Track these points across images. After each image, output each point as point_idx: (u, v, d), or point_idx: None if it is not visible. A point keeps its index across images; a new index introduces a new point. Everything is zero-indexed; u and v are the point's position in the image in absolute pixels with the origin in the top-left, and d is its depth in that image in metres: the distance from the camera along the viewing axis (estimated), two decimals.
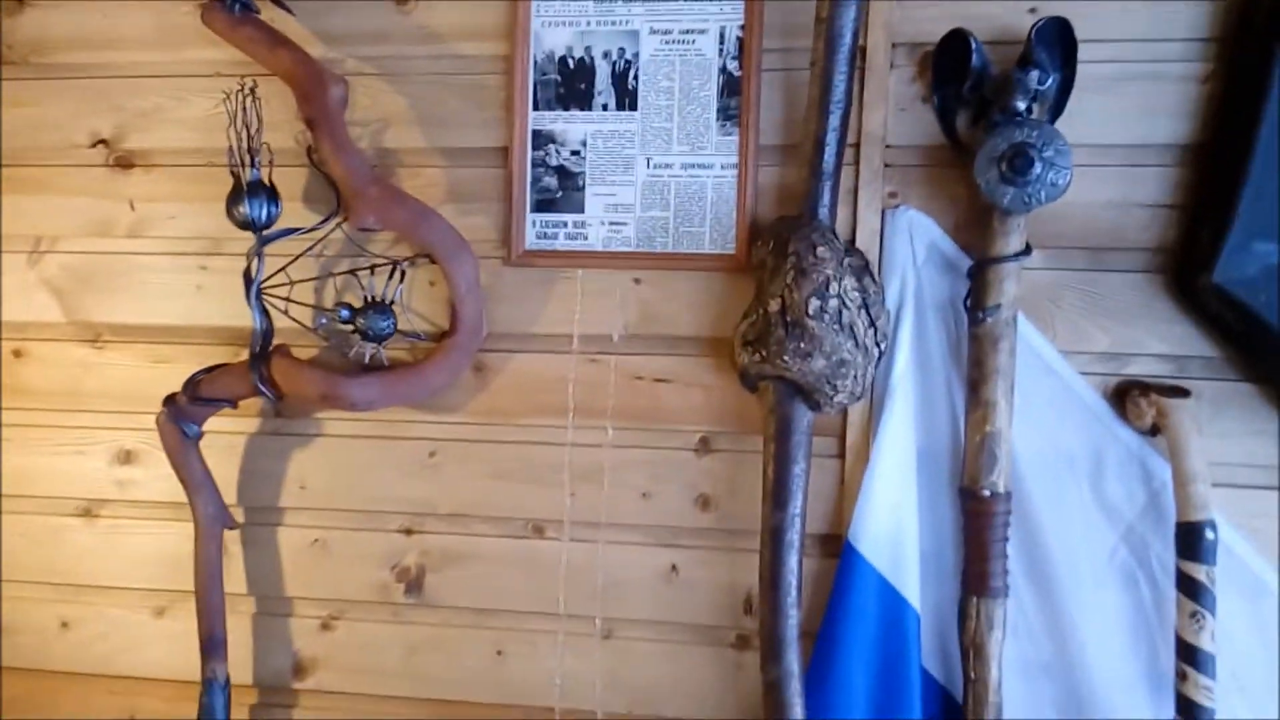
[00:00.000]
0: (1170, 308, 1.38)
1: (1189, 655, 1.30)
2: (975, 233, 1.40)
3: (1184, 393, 1.34)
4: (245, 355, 1.53)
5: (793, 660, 1.37)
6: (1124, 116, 1.39)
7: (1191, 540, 1.30)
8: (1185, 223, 1.36)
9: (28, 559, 1.68)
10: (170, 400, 1.51)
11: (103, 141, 1.62)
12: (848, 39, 1.34)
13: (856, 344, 1.32)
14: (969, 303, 1.38)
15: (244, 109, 1.49)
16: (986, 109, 1.36)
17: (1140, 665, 1.38)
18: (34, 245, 1.64)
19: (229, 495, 1.59)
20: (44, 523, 1.67)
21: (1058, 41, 1.34)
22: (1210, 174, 1.34)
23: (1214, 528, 1.29)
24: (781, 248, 1.35)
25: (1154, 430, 1.35)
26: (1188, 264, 1.35)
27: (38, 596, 1.68)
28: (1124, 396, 1.38)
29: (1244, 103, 1.29)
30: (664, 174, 1.50)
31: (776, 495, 1.36)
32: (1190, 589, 1.30)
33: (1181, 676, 1.30)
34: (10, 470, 1.67)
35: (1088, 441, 1.40)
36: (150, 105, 1.61)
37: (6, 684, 1.69)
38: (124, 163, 1.62)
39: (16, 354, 1.66)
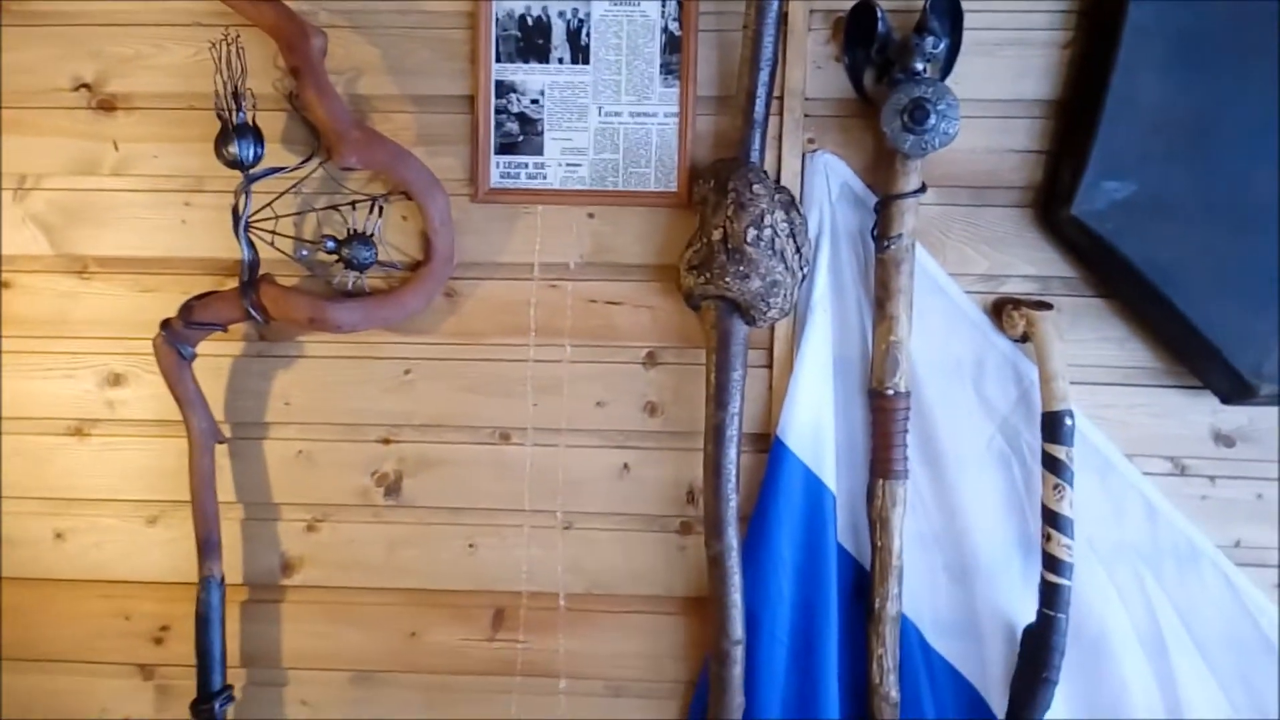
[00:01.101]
0: (1038, 236, 1.66)
1: (1052, 520, 1.58)
2: (880, 173, 1.64)
3: (1048, 306, 1.61)
4: (230, 284, 1.68)
5: (732, 537, 1.61)
6: (1001, 76, 1.64)
7: (1054, 426, 1.57)
8: (1050, 165, 1.64)
9: (23, 476, 1.79)
10: (166, 324, 1.64)
11: (85, 85, 1.72)
12: (775, 5, 1.56)
13: (786, 267, 1.56)
14: (875, 233, 1.63)
15: (229, 56, 1.62)
16: (889, 68, 1.60)
17: (1014, 532, 1.66)
18: (19, 183, 1.74)
19: (217, 412, 1.73)
20: (38, 442, 1.78)
21: (948, 11, 1.59)
22: (1070, 124, 1.61)
23: (1072, 416, 1.57)
24: (721, 186, 1.57)
25: (1024, 338, 1.63)
26: (1051, 200, 1.62)
27: (33, 510, 1.79)
28: (1000, 310, 1.65)
29: (1097, 65, 1.56)
30: (614, 121, 1.70)
31: (718, 397, 1.59)
32: (1053, 467, 1.58)
33: (1047, 538, 1.58)
34: (3, 394, 1.78)
35: (971, 348, 1.67)
36: (131, 52, 1.71)
37: (6, 593, 1.81)
38: (106, 105, 1.72)
39: (5, 285, 1.75)
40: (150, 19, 1.71)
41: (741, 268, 1.54)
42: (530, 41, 1.69)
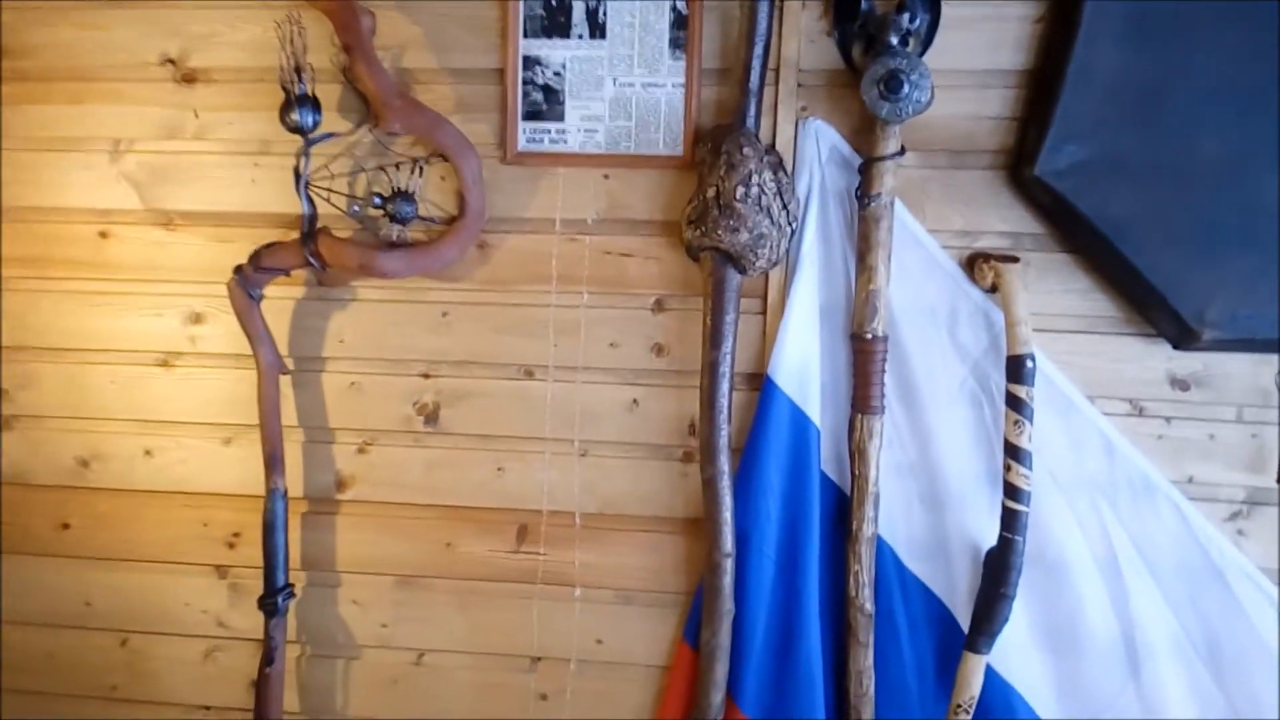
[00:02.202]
0: (1009, 196, 1.81)
1: (1013, 453, 1.74)
2: (865, 138, 1.82)
3: (1014, 259, 1.77)
4: (293, 236, 1.93)
5: (724, 463, 1.81)
6: (977, 48, 1.78)
7: (1017, 368, 1.73)
8: (1019, 131, 1.79)
9: (116, 401, 2.07)
10: (239, 269, 1.90)
11: (170, 60, 1.97)
12: None
13: (772, 222, 1.75)
14: (859, 192, 1.80)
15: (292, 35, 1.86)
16: (873, 42, 1.77)
17: (981, 464, 1.83)
18: (114, 146, 2.01)
19: (282, 348, 1.98)
20: (129, 372, 2.06)
21: None
22: (1037, 93, 1.76)
23: (1033, 359, 1.72)
24: (717, 149, 1.76)
25: (993, 288, 1.79)
26: (1019, 162, 1.78)
27: (124, 431, 2.07)
28: (973, 264, 1.82)
29: (1062, 37, 1.71)
30: (628, 91, 1.90)
31: (713, 338, 1.79)
32: (1015, 405, 1.74)
33: (1007, 469, 1.75)
34: (99, 330, 2.05)
35: (946, 297, 1.82)
36: (208, 30, 1.96)
37: (99, 502, 2.10)
38: (188, 78, 1.97)
39: (103, 235, 2.03)
40: (224, 2, 1.96)
41: (731, 222, 1.73)
42: (553, 19, 1.90)
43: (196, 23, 1.97)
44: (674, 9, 1.87)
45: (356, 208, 1.93)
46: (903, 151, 1.77)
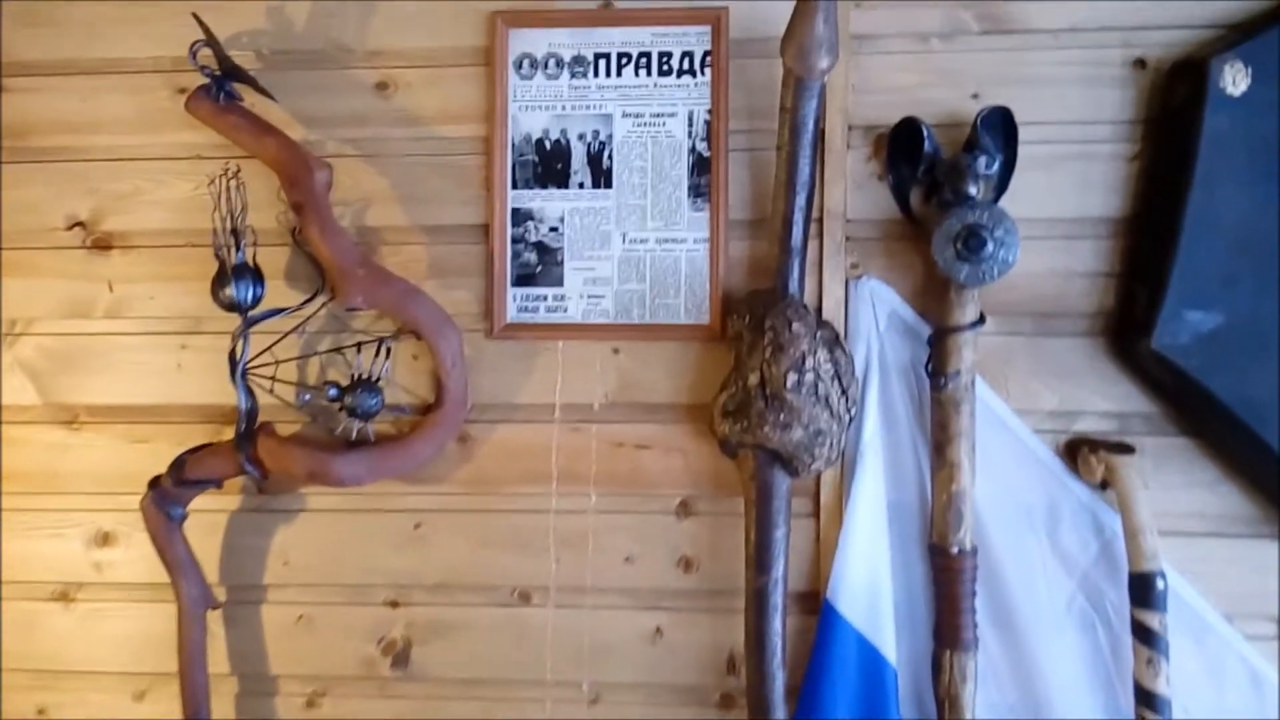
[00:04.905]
0: (1112, 369, 1.49)
1: (1147, 700, 1.38)
2: (931, 300, 1.50)
3: (1129, 449, 1.44)
4: (227, 433, 1.55)
5: (780, 717, 1.43)
6: (1062, 192, 1.50)
7: (1144, 590, 1.39)
8: (1122, 290, 1.48)
9: (11, 646, 1.65)
10: (155, 483, 1.52)
11: (80, 224, 1.63)
12: (810, 126, 1.42)
13: (831, 414, 1.40)
14: (930, 368, 1.47)
15: (228, 193, 1.53)
16: (938, 188, 1.47)
17: (1100, 707, 1.46)
18: (8, 328, 1.64)
19: (211, 574, 1.59)
20: (20, 608, 1.64)
21: (1000, 126, 1.46)
22: (1142, 245, 1.46)
23: (1164, 577, 1.38)
24: (758, 323, 1.43)
25: (1103, 484, 1.45)
26: (1127, 329, 1.46)
27: (15, 684, 1.65)
28: (1075, 452, 1.48)
29: (1170, 179, 1.42)
30: (639, 248, 1.57)
31: (759, 560, 1.42)
32: (1145, 636, 1.39)
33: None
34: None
35: (1043, 494, 1.49)
36: (129, 188, 1.62)
37: None
38: (101, 244, 1.63)
39: None
40: (151, 153, 1.63)
41: (782, 416, 1.38)
42: (549, 166, 1.58)
43: (115, 178, 1.63)
44: (693, 150, 1.56)
45: (307, 397, 1.57)
46: (983, 320, 1.45)
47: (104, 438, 1.63)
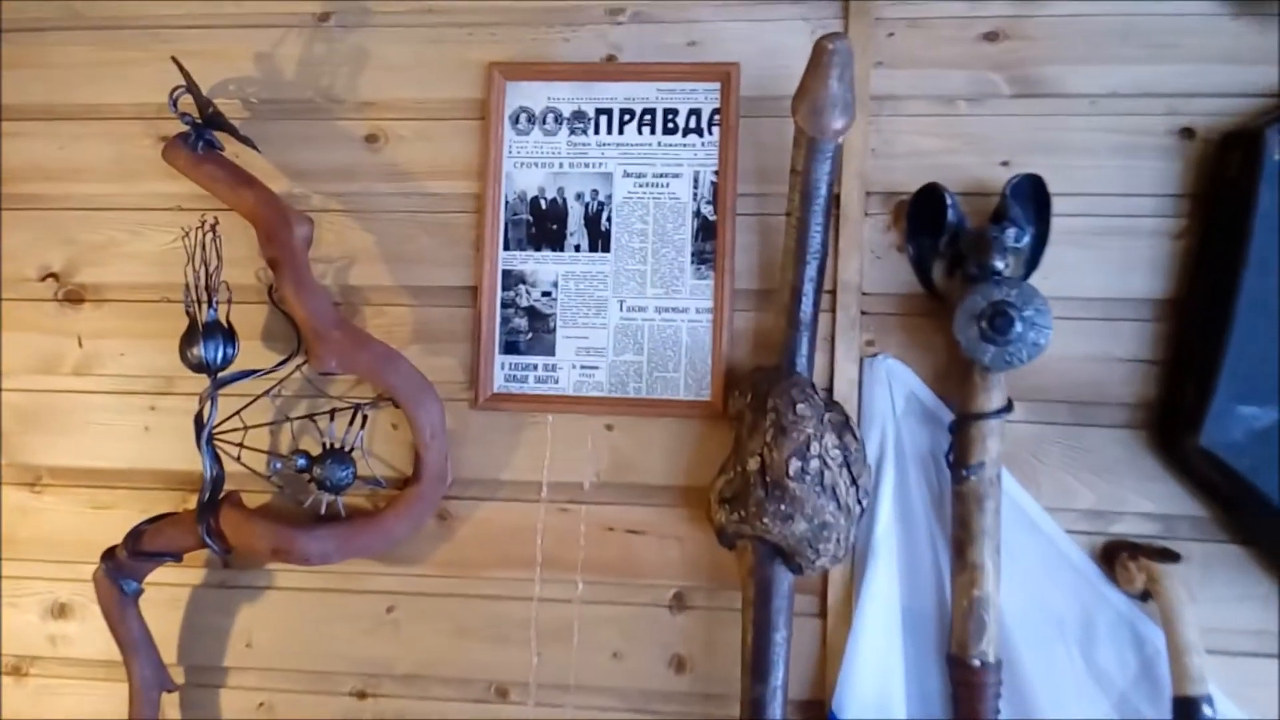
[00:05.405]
0: (1155, 465, 1.35)
1: None
2: (954, 382, 1.37)
3: (1174, 557, 1.29)
4: (193, 502, 1.45)
5: None
6: (1100, 270, 1.37)
7: (1189, 716, 1.23)
8: (1167, 380, 1.34)
9: None
10: (109, 555, 1.41)
11: (53, 275, 1.55)
12: (823, 190, 1.31)
13: (839, 505, 1.27)
14: (951, 458, 1.34)
15: (203, 246, 1.44)
16: (962, 262, 1.34)
17: None
18: None
19: (169, 653, 1.48)
20: None
21: (1031, 197, 1.34)
22: (1190, 331, 1.32)
23: (1211, 703, 1.22)
24: (760, 402, 1.30)
25: (1145, 595, 1.30)
26: (1172, 423, 1.32)
27: None
28: (1112, 558, 1.33)
29: (1220, 260, 1.29)
30: (637, 317, 1.46)
31: (756, 666, 1.28)
32: None
33: None
34: None
35: (1077, 603, 1.34)
36: (104, 239, 1.55)
37: None
38: (74, 297, 1.55)
39: None
40: (129, 203, 1.55)
41: (783, 506, 1.25)
42: (543, 226, 1.48)
43: (91, 229, 1.55)
44: (698, 214, 1.45)
45: (279, 464, 1.46)
46: (1010, 407, 1.31)
47: (65, 502, 1.54)
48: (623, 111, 1.48)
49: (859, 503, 1.31)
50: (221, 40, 1.55)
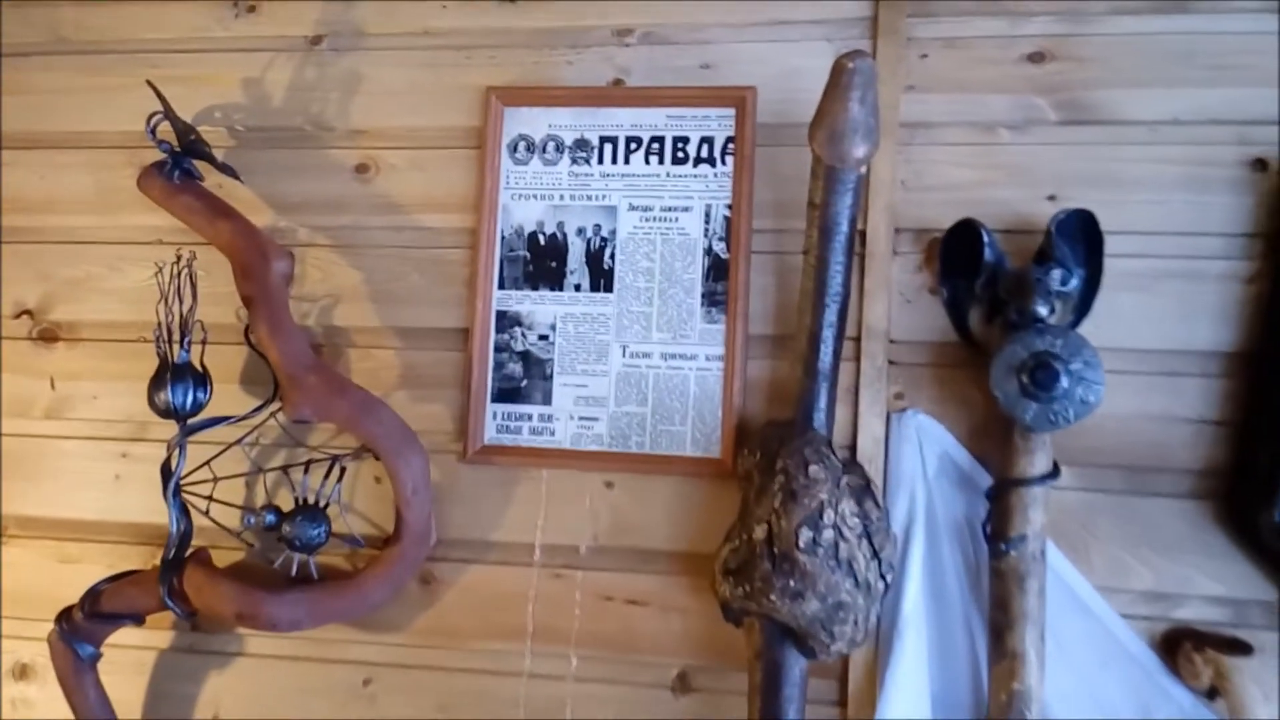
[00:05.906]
0: (1224, 542, 1.18)
1: None
2: (993, 442, 1.22)
3: (1246, 649, 1.12)
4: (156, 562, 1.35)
5: None
6: (1160, 319, 1.22)
7: None
8: (1236, 443, 1.18)
9: None
10: (65, 616, 1.31)
11: (27, 312, 1.47)
12: (845, 227, 1.17)
13: (856, 582, 1.12)
14: (988, 529, 1.18)
15: (178, 282, 1.34)
16: (1001, 306, 1.20)
17: None
18: None
19: None
20: None
21: (1081, 235, 1.20)
22: (1263, 389, 1.16)
23: None
24: (770, 462, 1.16)
25: (1212, 692, 1.13)
26: (1243, 494, 1.16)
27: None
28: (1175, 648, 1.16)
29: None
30: (641, 364, 1.34)
31: None
32: None
33: None
34: None
35: (1133, 698, 1.17)
36: (81, 274, 1.47)
37: None
38: (48, 335, 1.46)
39: None
40: (108, 236, 1.48)
41: (792, 582, 1.11)
42: (541, 264, 1.36)
43: (69, 262, 1.47)
44: (709, 252, 1.33)
45: (251, 520, 1.35)
46: (1057, 472, 1.16)
47: (31, 554, 1.44)
48: (629, 139, 1.36)
49: (882, 578, 1.16)
50: (209, 65, 1.47)
